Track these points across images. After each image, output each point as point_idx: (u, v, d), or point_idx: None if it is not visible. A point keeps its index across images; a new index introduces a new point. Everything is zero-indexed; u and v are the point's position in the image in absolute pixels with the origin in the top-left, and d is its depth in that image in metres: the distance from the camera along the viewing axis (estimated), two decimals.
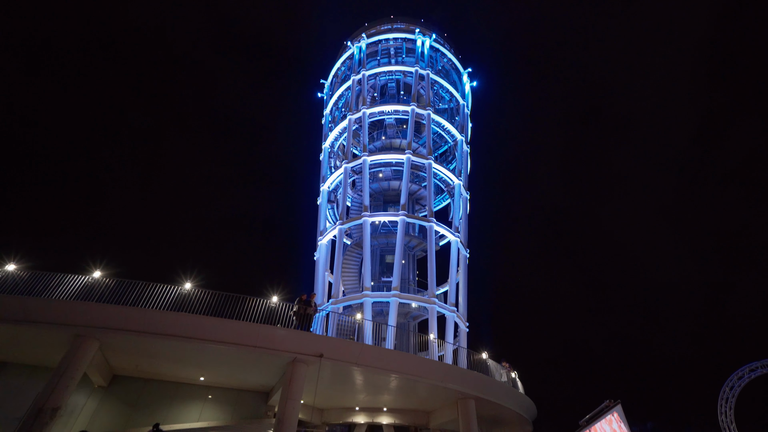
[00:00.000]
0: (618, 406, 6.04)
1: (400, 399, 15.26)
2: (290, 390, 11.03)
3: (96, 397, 13.42)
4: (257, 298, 12.73)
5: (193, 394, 14.13)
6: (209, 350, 11.40)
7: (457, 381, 13.72)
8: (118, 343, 11.31)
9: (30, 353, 12.40)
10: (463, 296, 23.02)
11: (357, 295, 21.50)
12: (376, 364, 12.45)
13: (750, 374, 13.87)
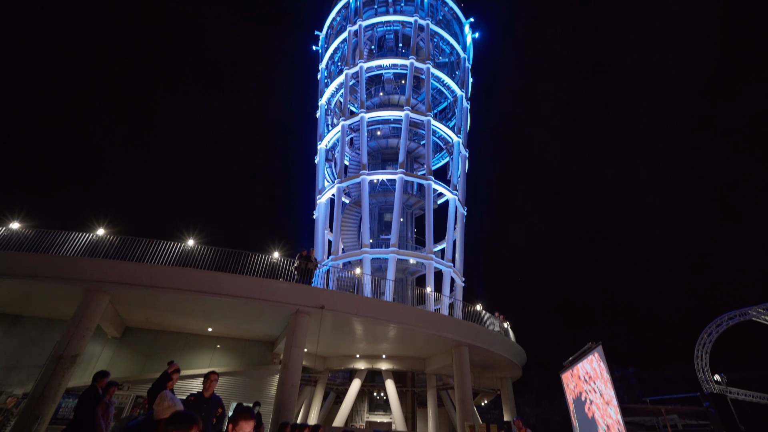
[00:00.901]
0: (599, 347, 6.51)
1: (398, 347, 16.17)
2: (294, 338, 11.67)
3: (111, 346, 14.21)
4: (259, 254, 13.11)
5: (203, 344, 14.96)
6: (215, 303, 11.91)
7: (452, 330, 14.49)
8: (126, 296, 11.79)
9: (44, 307, 12.93)
10: (460, 252, 23.60)
11: (356, 251, 22.02)
12: (375, 315, 13.09)
13: (728, 322, 14.70)
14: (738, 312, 14.26)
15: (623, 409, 6.48)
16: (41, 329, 13.67)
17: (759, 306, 13.82)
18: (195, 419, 2.22)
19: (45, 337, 13.44)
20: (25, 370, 12.89)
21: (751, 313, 14.02)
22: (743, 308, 14.04)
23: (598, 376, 6.67)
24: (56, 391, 9.57)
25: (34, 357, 13.14)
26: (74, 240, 12.28)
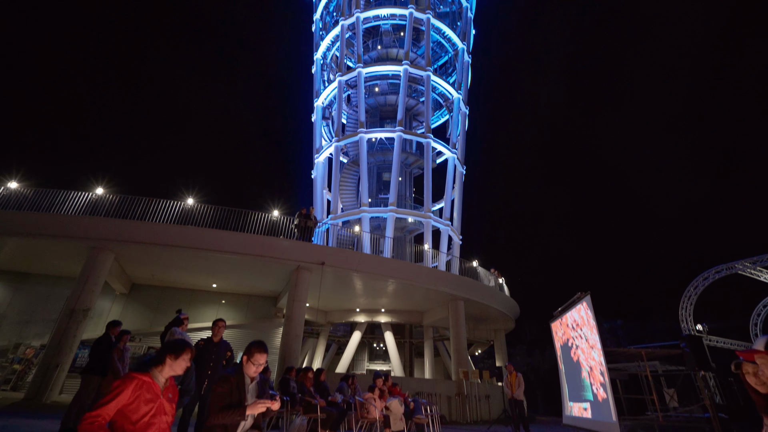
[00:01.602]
0: (587, 296, 6.82)
1: (396, 301, 16.81)
2: (296, 293, 12.11)
3: (120, 302, 14.76)
4: (259, 212, 13.26)
5: (208, 299, 15.53)
6: (217, 260, 12.21)
7: (449, 285, 15.02)
8: (131, 254, 12.06)
9: (51, 265, 13.26)
10: (458, 211, 23.80)
11: (355, 210, 22.19)
12: (374, 271, 13.50)
13: (715, 275, 15.25)
14: (725, 266, 14.75)
15: (606, 353, 6.92)
16: (51, 286, 14.12)
17: (746, 260, 14.28)
18: (188, 344, 2.42)
19: (55, 293, 13.91)
20: (39, 324, 13.48)
21: (738, 267, 14.51)
22: (730, 262, 14.52)
23: (585, 323, 7.05)
24: (72, 341, 10.08)
25: (47, 312, 13.69)
26: (74, 199, 12.33)
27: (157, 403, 2.21)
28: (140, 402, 2.13)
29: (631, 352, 6.86)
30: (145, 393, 2.16)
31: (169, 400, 2.34)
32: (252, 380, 2.91)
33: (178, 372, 2.37)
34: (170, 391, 2.37)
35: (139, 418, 2.11)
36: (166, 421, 2.26)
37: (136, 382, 2.16)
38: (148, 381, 2.21)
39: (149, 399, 2.16)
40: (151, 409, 2.16)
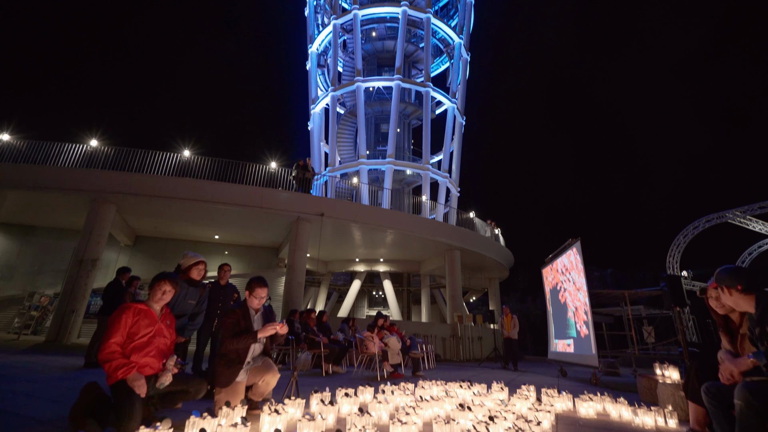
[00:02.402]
0: (578, 242, 7.09)
1: (394, 251, 17.30)
2: (297, 243, 12.45)
3: (125, 254, 15.18)
4: (257, 164, 13.22)
5: (211, 250, 15.94)
6: (218, 211, 12.38)
7: (446, 235, 15.38)
8: (132, 206, 12.19)
9: (54, 217, 13.45)
10: (457, 163, 23.69)
11: (353, 163, 22.07)
12: (373, 222, 13.76)
13: (705, 224, 15.61)
14: (716, 215, 15.03)
15: (591, 294, 7.33)
16: (57, 239, 14.44)
17: (736, 209, 14.53)
18: (162, 274, 2.68)
19: (62, 245, 14.27)
20: (50, 274, 13.98)
21: (728, 216, 14.80)
22: (721, 211, 14.79)
23: (574, 268, 7.39)
24: (84, 289, 10.53)
25: (56, 263, 14.14)
26: (69, 151, 12.22)
27: (156, 327, 2.52)
28: (140, 326, 2.44)
29: (614, 294, 7.28)
30: (143, 318, 2.46)
31: (167, 326, 2.66)
32: (257, 312, 3.16)
33: (164, 300, 2.64)
34: (167, 318, 2.69)
35: (140, 339, 2.41)
36: (164, 342, 2.57)
37: (133, 309, 2.47)
38: (144, 308, 2.52)
39: (148, 323, 2.47)
40: (150, 332, 2.47)
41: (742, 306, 1.98)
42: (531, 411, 3.07)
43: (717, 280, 2.09)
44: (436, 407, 3.14)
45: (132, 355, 2.35)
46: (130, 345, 2.38)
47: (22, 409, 2.81)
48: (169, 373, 2.40)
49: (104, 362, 2.27)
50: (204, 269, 3.66)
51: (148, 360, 2.40)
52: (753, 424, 1.67)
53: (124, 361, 2.28)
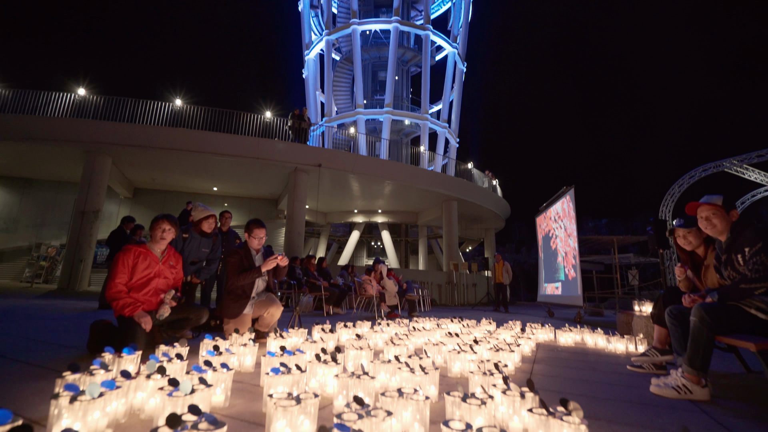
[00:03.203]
0: (571, 190, 7.21)
1: (392, 202, 17.48)
2: (295, 194, 12.55)
3: (125, 206, 15.32)
4: (252, 114, 12.93)
5: (210, 202, 16.07)
6: (214, 163, 12.32)
7: (443, 186, 15.47)
8: (128, 158, 12.10)
9: (52, 170, 13.38)
10: (456, 113, 23.13)
11: (350, 113, 21.53)
12: (371, 172, 13.76)
13: (702, 173, 15.66)
14: (713, 164, 15.01)
15: (581, 240, 7.58)
16: (56, 191, 14.49)
17: (734, 158, 14.49)
18: (160, 216, 2.77)
19: (62, 198, 14.36)
20: (54, 226, 14.22)
21: (725, 165, 14.80)
22: (719, 160, 14.74)
23: (566, 215, 7.57)
24: (90, 239, 10.79)
25: (58, 215, 14.32)
26: (59, 101, 11.88)
27: (156, 268, 2.66)
28: (140, 266, 2.58)
29: (604, 240, 7.54)
30: (143, 259, 2.60)
31: (170, 266, 2.79)
32: (257, 252, 3.34)
33: (165, 239, 2.74)
34: (171, 259, 2.81)
35: (137, 280, 2.57)
36: (165, 283, 2.72)
37: (133, 251, 2.60)
38: (143, 250, 2.65)
39: (146, 266, 2.61)
40: (150, 272, 2.62)
41: (718, 228, 2.12)
42: (514, 338, 3.37)
43: (701, 202, 2.22)
44: (428, 336, 3.43)
45: (131, 294, 2.53)
46: (132, 284, 2.56)
47: (47, 337, 3.08)
48: (167, 306, 2.60)
49: (111, 300, 2.47)
50: (214, 222, 3.78)
51: (146, 298, 2.58)
52: (702, 335, 1.89)
53: (130, 300, 2.47)
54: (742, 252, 1.96)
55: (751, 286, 1.83)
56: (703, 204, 2.20)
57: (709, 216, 2.16)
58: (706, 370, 1.97)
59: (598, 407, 1.79)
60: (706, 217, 2.18)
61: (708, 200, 2.20)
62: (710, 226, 2.17)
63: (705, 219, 2.19)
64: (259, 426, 1.40)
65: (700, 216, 2.22)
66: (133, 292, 2.54)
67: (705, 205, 2.19)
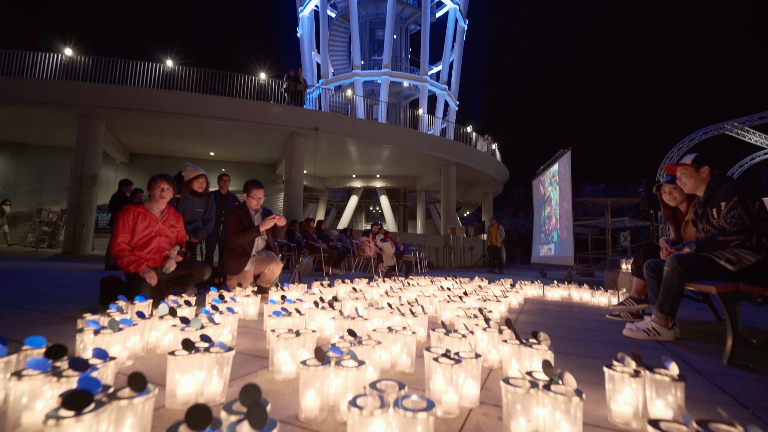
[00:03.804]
0: (568, 152, 7.22)
1: (391, 167, 17.41)
2: (292, 159, 12.49)
3: (122, 172, 15.25)
4: (246, 75, 12.59)
5: (208, 167, 15.95)
6: (210, 126, 12.16)
7: (442, 150, 15.36)
8: (121, 122, 11.91)
9: (45, 134, 13.20)
10: (456, 74, 22.47)
11: (347, 75, 20.90)
12: (369, 136, 13.62)
13: (702, 136, 15.52)
14: (714, 126, 14.82)
15: (575, 203, 7.70)
16: (51, 156, 14.38)
17: (735, 120, 14.29)
18: (158, 175, 2.83)
19: (58, 163, 14.28)
20: (53, 192, 14.25)
21: (726, 127, 14.63)
22: (720, 123, 14.53)
23: (563, 179, 7.64)
24: (90, 204, 10.87)
25: (56, 181, 14.30)
26: (46, 62, 11.51)
27: (156, 227, 2.75)
28: (139, 225, 2.67)
29: (597, 202, 7.66)
30: (142, 219, 2.69)
31: (171, 226, 2.87)
32: (256, 212, 3.44)
33: (165, 198, 2.81)
34: (170, 218, 2.88)
35: (141, 237, 2.68)
36: (166, 241, 2.82)
37: (132, 211, 2.68)
38: (142, 210, 2.73)
39: (146, 225, 2.70)
40: (150, 231, 2.72)
41: (688, 186, 2.22)
42: (502, 292, 3.55)
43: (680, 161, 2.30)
44: (421, 290, 3.62)
45: (134, 252, 2.65)
46: (134, 243, 2.67)
47: (60, 293, 3.25)
48: (173, 261, 2.72)
49: (117, 258, 2.59)
50: (205, 181, 3.79)
51: (150, 256, 2.70)
52: (673, 283, 2.04)
53: (134, 257, 2.59)
54: (718, 206, 2.06)
55: (728, 239, 1.95)
56: (678, 165, 2.29)
57: (679, 175, 2.26)
58: (674, 314, 2.15)
59: (572, 346, 1.97)
60: (678, 176, 2.27)
61: (683, 160, 2.29)
62: (681, 184, 2.27)
63: (677, 179, 2.29)
64: (263, 359, 1.56)
65: (677, 176, 2.32)
66: (136, 250, 2.66)
67: (679, 165, 2.27)
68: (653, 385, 1.03)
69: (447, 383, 1.10)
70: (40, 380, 0.87)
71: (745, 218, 1.90)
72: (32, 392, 0.87)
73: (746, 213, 1.91)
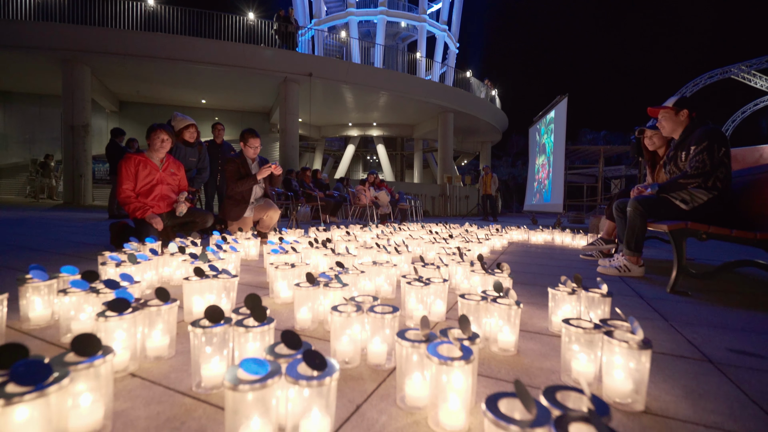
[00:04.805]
0: (565, 99, 7.13)
1: (388, 115, 17.06)
2: (287, 106, 12.21)
3: (113, 121, 14.94)
4: (234, 16, 11.89)
5: (201, 116, 15.61)
6: (198, 72, 11.70)
7: (440, 97, 14.96)
8: (106, 67, 11.44)
9: (29, 81, 12.73)
10: (458, 12, 21.16)
11: (341, 13, 19.66)
12: (365, 82, 13.19)
13: (707, 80, 15.05)
14: (720, 70, 14.31)
15: (569, 151, 7.75)
16: (39, 105, 14.00)
17: (743, 63, 13.76)
18: (157, 125, 2.90)
19: (47, 112, 13.94)
20: (45, 142, 14.06)
21: (733, 71, 14.12)
22: (727, 66, 14.00)
23: (558, 126, 7.61)
24: (85, 154, 10.81)
25: (47, 130, 14.05)
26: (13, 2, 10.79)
27: (157, 175, 2.87)
28: (141, 173, 2.80)
29: (591, 149, 7.70)
30: (143, 167, 2.81)
31: (172, 174, 2.99)
32: (253, 161, 3.55)
33: (157, 147, 2.89)
34: (171, 166, 3.00)
35: (143, 185, 2.81)
36: (168, 188, 2.95)
37: (133, 159, 2.80)
38: (142, 159, 2.84)
39: (147, 173, 2.83)
40: (152, 179, 2.85)
41: (666, 129, 2.34)
42: (486, 235, 3.78)
43: (663, 105, 2.40)
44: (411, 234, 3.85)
45: (139, 199, 2.79)
46: (138, 191, 2.80)
47: (72, 238, 3.46)
48: (183, 204, 2.89)
49: (124, 204, 2.75)
50: (195, 131, 3.81)
51: (154, 203, 2.85)
52: (636, 222, 2.24)
53: (139, 204, 2.75)
54: (688, 150, 2.20)
55: (688, 181, 2.11)
56: (660, 107, 2.38)
57: (660, 118, 2.36)
58: (640, 251, 2.36)
59: (544, 280, 2.21)
60: (659, 119, 2.37)
61: (665, 103, 2.37)
62: (660, 127, 2.38)
63: (658, 122, 2.39)
64: (264, 289, 1.79)
65: (657, 119, 2.42)
66: (140, 197, 2.81)
67: (660, 108, 2.37)
68: (586, 301, 1.25)
69: (418, 302, 1.31)
70: (82, 296, 1.07)
71: (707, 162, 2.05)
72: (77, 305, 1.08)
73: (709, 158, 2.05)
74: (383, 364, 0.97)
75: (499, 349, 1.10)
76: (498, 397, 0.54)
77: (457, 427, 0.70)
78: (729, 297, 1.84)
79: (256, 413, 0.59)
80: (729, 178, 2.10)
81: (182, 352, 1.02)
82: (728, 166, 2.07)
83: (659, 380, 0.94)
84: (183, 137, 3.71)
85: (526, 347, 1.14)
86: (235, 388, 0.57)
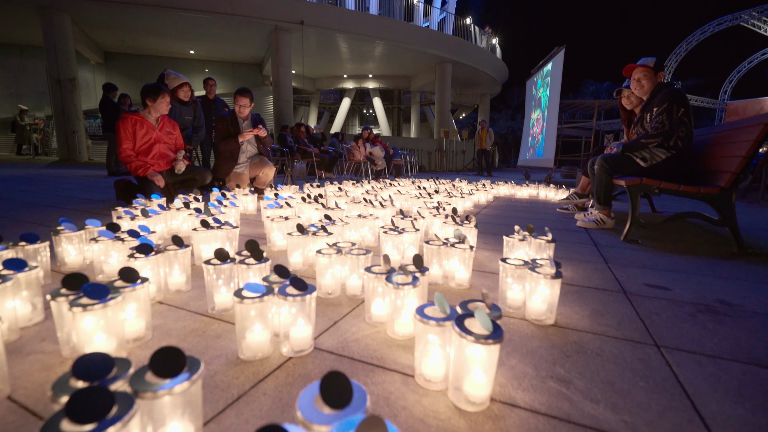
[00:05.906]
0: (562, 50, 6.97)
1: (384, 66, 16.51)
2: (278, 57, 11.80)
3: (100, 73, 14.47)
4: None
5: (190, 68, 15.12)
6: (184, 20, 11.16)
7: (439, 46, 14.40)
8: (86, 15, 10.87)
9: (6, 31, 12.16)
10: None
11: None
12: (360, 31, 12.65)
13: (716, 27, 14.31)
14: (730, 16, 13.62)
15: (565, 104, 7.73)
16: (21, 57, 13.47)
17: (754, 8, 13.05)
18: (160, 88, 2.96)
19: (29, 64, 13.45)
20: (32, 97, 13.71)
21: (743, 17, 13.45)
22: (737, 12, 13.30)
23: (554, 78, 7.53)
24: (76, 110, 10.63)
25: (32, 84, 13.64)
26: None
27: (154, 134, 2.97)
28: (138, 132, 2.90)
29: (585, 104, 7.66)
30: (140, 126, 2.91)
31: (168, 133, 3.09)
32: (245, 120, 3.64)
33: (163, 111, 3.00)
34: (167, 126, 3.09)
35: (142, 144, 2.93)
36: (166, 147, 3.07)
37: (130, 119, 2.90)
38: (139, 118, 2.94)
39: (145, 132, 2.93)
40: (150, 138, 2.96)
41: (644, 89, 2.46)
42: (471, 190, 3.98)
43: (638, 63, 2.49)
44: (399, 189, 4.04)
45: (139, 157, 2.93)
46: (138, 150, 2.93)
47: (79, 195, 3.65)
48: (181, 162, 3.05)
49: (125, 163, 2.89)
50: (189, 89, 3.85)
51: (154, 161, 2.99)
52: (602, 178, 2.44)
53: (140, 162, 2.89)
54: (652, 111, 2.34)
55: (648, 141, 2.28)
56: (637, 65, 2.47)
57: (639, 78, 2.46)
58: (610, 204, 2.57)
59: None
60: (638, 78, 2.48)
61: (643, 62, 2.46)
62: (639, 87, 2.49)
63: (636, 81, 2.49)
64: (262, 239, 2.02)
65: (633, 78, 2.52)
66: (140, 156, 2.95)
67: (639, 66, 2.46)
68: (534, 246, 1.48)
69: (393, 248, 1.54)
70: (110, 244, 1.29)
71: (666, 123, 2.20)
72: (106, 251, 1.30)
73: (669, 119, 2.20)
74: (359, 294, 1.21)
75: (456, 285, 1.35)
76: (425, 306, 0.77)
77: (407, 334, 0.95)
78: (674, 245, 2.09)
79: (257, 321, 0.83)
80: (690, 137, 2.26)
81: (196, 287, 1.25)
82: (689, 126, 2.22)
83: (575, 305, 1.19)
84: (177, 96, 3.76)
85: (479, 283, 1.39)
86: (241, 302, 0.80)
